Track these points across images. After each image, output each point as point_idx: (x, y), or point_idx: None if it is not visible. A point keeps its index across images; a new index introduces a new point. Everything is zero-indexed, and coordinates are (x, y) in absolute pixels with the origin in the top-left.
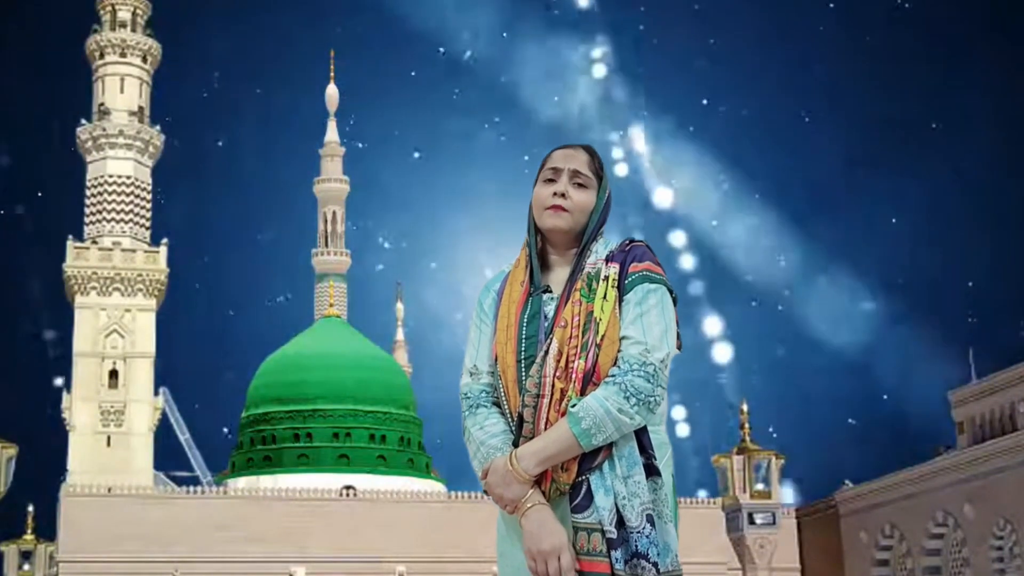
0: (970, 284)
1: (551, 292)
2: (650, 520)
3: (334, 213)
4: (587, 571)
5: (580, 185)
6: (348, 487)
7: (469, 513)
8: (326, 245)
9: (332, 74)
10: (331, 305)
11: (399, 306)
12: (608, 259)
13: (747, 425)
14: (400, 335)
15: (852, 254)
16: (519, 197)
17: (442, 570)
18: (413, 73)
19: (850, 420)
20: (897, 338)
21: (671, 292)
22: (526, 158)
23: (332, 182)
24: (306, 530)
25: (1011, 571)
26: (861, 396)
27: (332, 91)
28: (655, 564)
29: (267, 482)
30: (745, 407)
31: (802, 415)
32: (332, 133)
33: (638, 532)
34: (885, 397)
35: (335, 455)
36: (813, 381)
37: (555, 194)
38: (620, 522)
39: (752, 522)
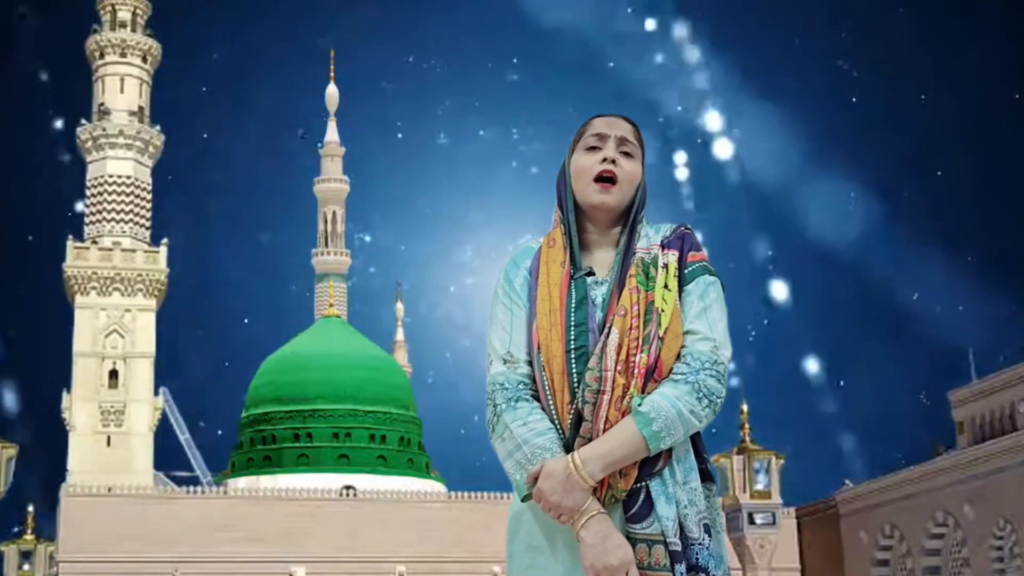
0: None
1: (595, 275)
2: (707, 530)
3: (334, 213)
4: None
5: (627, 154)
6: (348, 487)
7: (469, 513)
8: (326, 245)
9: (332, 74)
10: (331, 305)
11: (399, 306)
12: (664, 245)
13: (747, 425)
14: (400, 335)
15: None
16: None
17: (442, 570)
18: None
19: None
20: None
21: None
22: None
23: (332, 182)
24: (306, 530)
25: (1011, 571)
26: None
27: (332, 91)
28: None
29: (267, 482)
30: (745, 407)
31: None
32: (332, 133)
33: (699, 544)
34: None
35: (335, 455)
36: None
37: (605, 160)
38: (681, 532)
39: (752, 522)
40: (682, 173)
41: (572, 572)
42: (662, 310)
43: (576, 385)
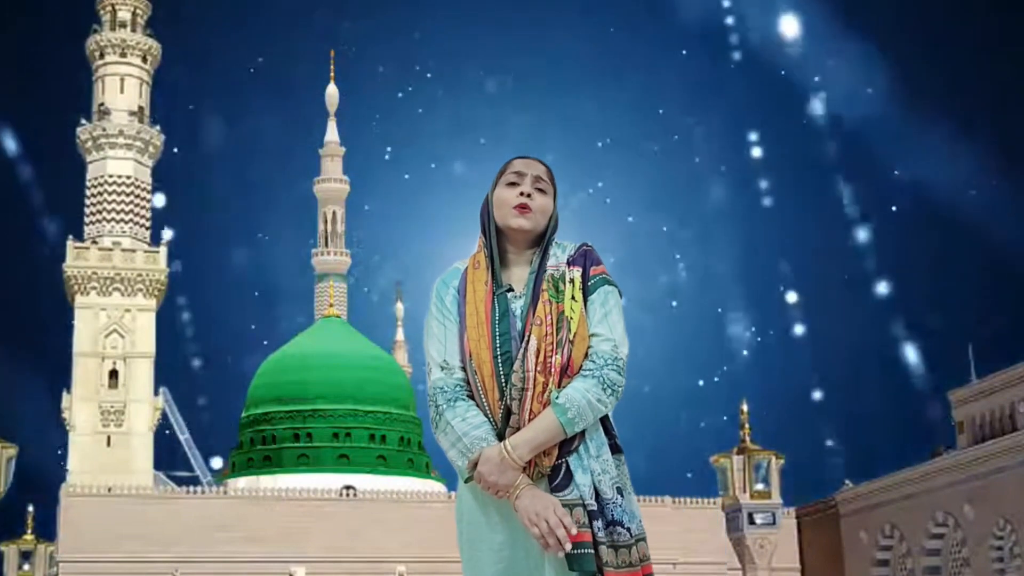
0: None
1: (513, 291)
2: (620, 492)
3: (334, 213)
4: (573, 541)
5: (541, 190)
6: (348, 487)
7: None
8: (326, 245)
9: (332, 74)
10: (331, 305)
11: (399, 306)
12: (569, 262)
13: (747, 425)
14: (400, 335)
15: None
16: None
17: (442, 570)
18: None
19: None
20: None
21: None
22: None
23: (332, 182)
24: (306, 530)
25: (1011, 571)
26: None
27: (332, 91)
28: (628, 529)
29: (267, 482)
30: (745, 407)
31: None
32: (332, 133)
33: (613, 503)
34: None
35: (335, 455)
36: None
37: (521, 194)
38: (597, 496)
39: (752, 522)
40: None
41: (509, 540)
42: (571, 318)
43: (504, 384)
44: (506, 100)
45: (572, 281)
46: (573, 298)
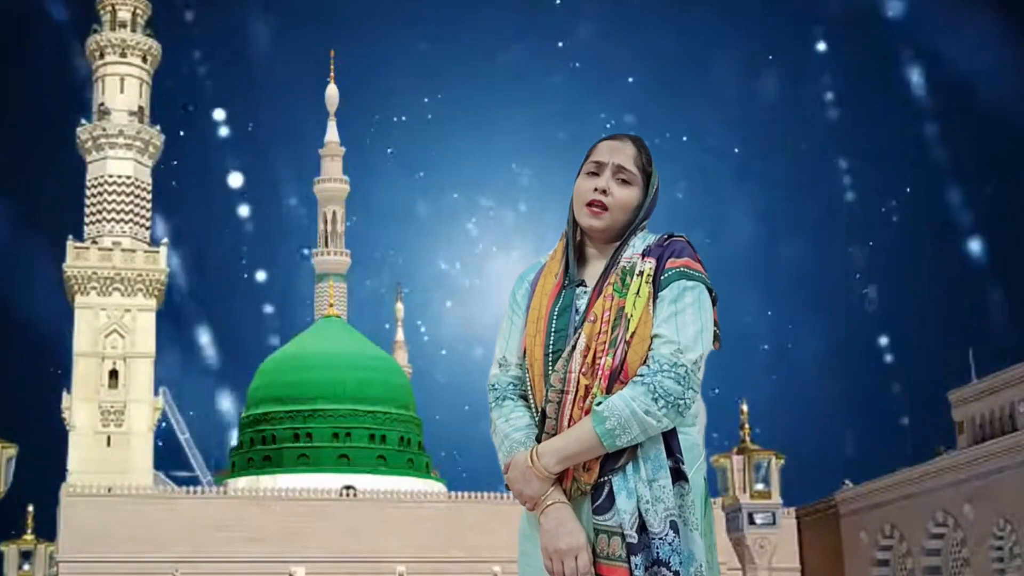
0: None
1: (585, 286)
2: (674, 527)
3: (334, 213)
4: (606, 574)
5: (624, 181)
6: (348, 487)
7: (469, 513)
8: (326, 245)
9: (332, 74)
10: (331, 305)
11: (399, 306)
12: (645, 253)
13: (747, 425)
14: (400, 335)
15: None
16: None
17: (442, 570)
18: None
19: None
20: None
21: (710, 291)
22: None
23: (332, 182)
24: (306, 530)
25: (1011, 571)
26: None
27: (332, 91)
28: (676, 573)
29: (267, 482)
30: (745, 407)
31: None
32: (332, 133)
33: (660, 538)
34: None
35: (335, 455)
36: None
37: (596, 189)
38: (642, 527)
39: (752, 522)
40: None
41: None
42: (631, 315)
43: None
44: (508, 99)
45: (642, 274)
46: (637, 293)
